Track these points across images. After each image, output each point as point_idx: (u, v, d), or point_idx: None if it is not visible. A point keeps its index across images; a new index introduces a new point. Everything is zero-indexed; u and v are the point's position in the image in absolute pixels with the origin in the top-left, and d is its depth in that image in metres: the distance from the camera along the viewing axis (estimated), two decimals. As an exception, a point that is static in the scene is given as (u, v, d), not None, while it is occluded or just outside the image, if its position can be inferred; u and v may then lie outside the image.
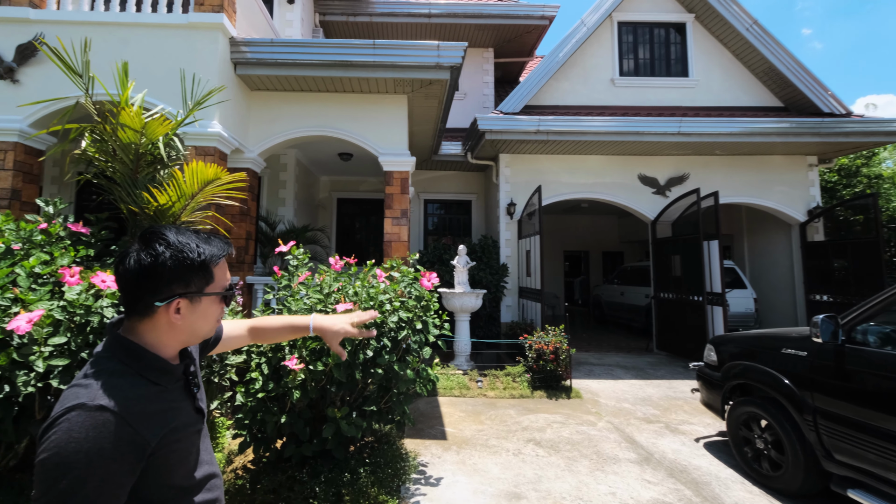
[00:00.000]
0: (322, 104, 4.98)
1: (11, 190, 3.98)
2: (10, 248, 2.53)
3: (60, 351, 2.19)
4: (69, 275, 2.44)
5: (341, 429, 2.15)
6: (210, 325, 0.85)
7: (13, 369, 2.06)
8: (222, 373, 2.40)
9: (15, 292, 2.22)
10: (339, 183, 9.14)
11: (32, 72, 4.20)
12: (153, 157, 3.04)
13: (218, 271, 0.84)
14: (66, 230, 2.81)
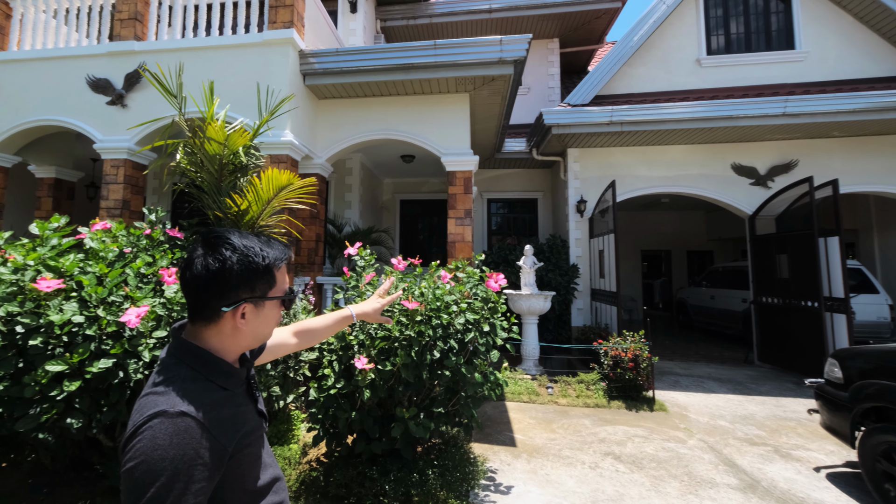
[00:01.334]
0: (385, 108, 5.20)
1: (122, 201, 4.66)
2: (123, 251, 2.94)
3: (162, 343, 2.49)
4: (167, 275, 2.78)
5: (409, 429, 2.21)
6: (271, 329, 0.86)
7: (125, 358, 2.39)
8: (297, 368, 2.57)
9: (126, 290, 2.58)
10: (402, 185, 9.41)
11: (137, 96, 4.89)
12: (234, 166, 3.36)
13: (279, 275, 0.85)
14: (165, 235, 3.21)
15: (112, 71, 4.95)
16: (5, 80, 5.35)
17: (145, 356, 2.36)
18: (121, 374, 2.37)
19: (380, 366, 2.17)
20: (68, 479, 2.69)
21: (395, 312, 2.37)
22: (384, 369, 2.16)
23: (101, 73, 5.01)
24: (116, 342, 2.40)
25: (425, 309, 2.36)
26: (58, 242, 2.91)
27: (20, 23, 5.47)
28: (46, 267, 2.60)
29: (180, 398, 0.69)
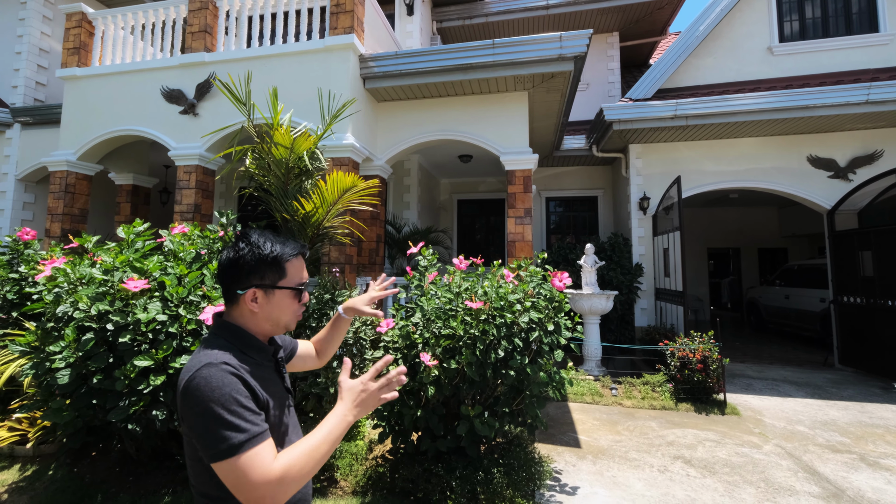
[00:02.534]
0: (443, 109, 5.28)
1: (194, 205, 5.00)
2: (199, 253, 3.13)
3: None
4: (239, 277, 2.93)
5: (475, 427, 2.30)
6: (288, 317, 1.01)
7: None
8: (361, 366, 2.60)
9: (203, 290, 2.73)
10: (459, 184, 9.54)
11: (207, 105, 5.24)
12: (300, 170, 3.49)
13: (291, 268, 0.99)
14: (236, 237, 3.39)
15: (184, 81, 5.34)
16: (89, 93, 5.92)
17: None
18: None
19: (445, 363, 2.22)
20: (151, 467, 2.89)
21: (459, 312, 2.41)
22: (449, 367, 2.23)
23: (174, 84, 5.41)
24: (196, 339, 2.55)
25: (489, 308, 2.38)
26: (141, 245, 3.14)
27: (101, 40, 6.02)
28: (132, 268, 2.82)
29: (221, 355, 0.89)
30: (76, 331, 2.53)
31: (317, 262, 4.30)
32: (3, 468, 3.01)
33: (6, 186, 6.84)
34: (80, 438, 2.63)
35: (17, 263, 4.03)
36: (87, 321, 2.66)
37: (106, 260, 2.75)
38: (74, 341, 2.47)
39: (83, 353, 2.48)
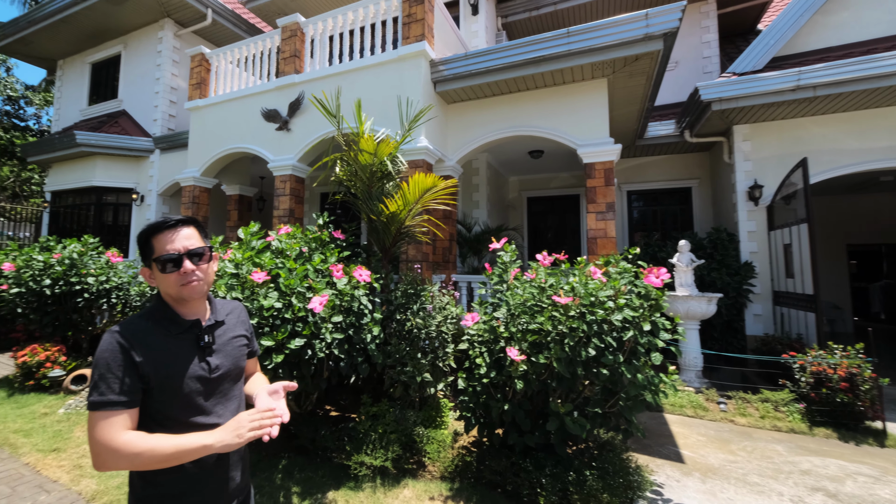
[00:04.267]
0: (513, 105, 5.37)
1: (289, 209, 5.74)
2: (302, 251, 3.63)
3: (337, 327, 3.04)
4: (336, 270, 3.37)
5: (565, 424, 2.30)
6: (171, 288, 1.15)
7: (312, 338, 2.99)
8: (444, 358, 2.85)
9: (310, 283, 3.20)
10: (529, 182, 9.50)
11: (297, 121, 5.95)
12: (382, 173, 3.88)
13: (157, 243, 1.15)
14: (330, 236, 3.87)
15: (279, 102, 6.12)
16: (208, 119, 7.04)
17: (327, 338, 2.91)
18: (309, 351, 2.97)
19: (533, 358, 2.29)
20: (269, 434, 3.44)
21: (547, 308, 2.48)
22: (537, 362, 2.29)
23: (271, 104, 6.23)
24: (305, 325, 3.01)
25: (578, 304, 2.42)
26: (256, 244, 3.73)
27: (215, 74, 7.13)
28: (253, 263, 3.39)
29: (129, 320, 1.14)
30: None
31: (396, 261, 4.69)
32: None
33: (151, 200, 8.42)
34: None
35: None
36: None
37: (236, 256, 3.33)
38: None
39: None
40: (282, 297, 3.15)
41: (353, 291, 3.17)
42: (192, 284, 1.15)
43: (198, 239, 1.20)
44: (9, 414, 4.04)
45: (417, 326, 2.94)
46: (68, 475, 3.02)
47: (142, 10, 8.59)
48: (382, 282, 3.52)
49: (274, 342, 2.93)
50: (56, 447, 3.38)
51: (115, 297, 5.28)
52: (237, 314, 1.35)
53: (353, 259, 3.83)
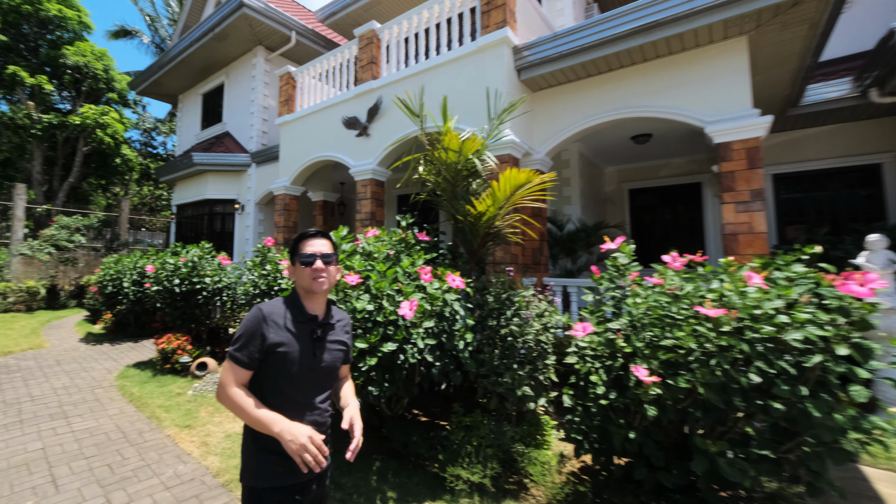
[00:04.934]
0: (615, 84, 4.68)
1: (371, 213, 5.85)
2: (388, 253, 3.60)
3: (428, 333, 2.93)
4: (424, 273, 3.27)
5: (719, 467, 1.85)
6: (305, 280, 1.47)
7: (403, 343, 2.92)
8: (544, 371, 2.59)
9: (400, 286, 3.13)
10: (631, 172, 8.23)
11: (376, 126, 6.04)
12: (468, 171, 3.70)
13: (302, 247, 1.49)
14: (415, 238, 3.80)
15: (358, 109, 6.28)
16: (295, 132, 7.49)
17: (419, 343, 2.80)
18: (401, 356, 2.90)
19: (669, 381, 1.90)
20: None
21: (686, 320, 2.05)
22: (675, 385, 1.90)
23: (350, 112, 6.42)
24: (397, 329, 2.95)
25: (733, 318, 1.95)
26: (347, 248, 3.78)
27: (300, 90, 7.56)
28: (345, 266, 3.42)
29: (271, 301, 1.48)
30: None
31: (482, 263, 4.41)
32: None
33: (250, 209, 9.25)
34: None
35: (264, 263, 5.30)
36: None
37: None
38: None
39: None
40: (373, 299, 3.13)
41: (444, 296, 3.03)
42: (320, 280, 1.47)
43: (329, 248, 1.53)
44: (154, 391, 4.62)
45: (513, 334, 2.71)
46: (198, 450, 3.33)
47: (239, 42, 9.48)
48: (473, 286, 3.35)
49: (367, 344, 2.90)
50: (188, 424, 3.75)
51: (225, 295, 5.85)
52: (344, 324, 1.60)
53: (439, 261, 3.72)
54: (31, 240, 10.61)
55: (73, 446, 3.36)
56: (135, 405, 4.24)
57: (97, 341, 6.99)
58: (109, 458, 3.20)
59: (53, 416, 3.90)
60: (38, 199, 13.59)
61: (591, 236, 6.05)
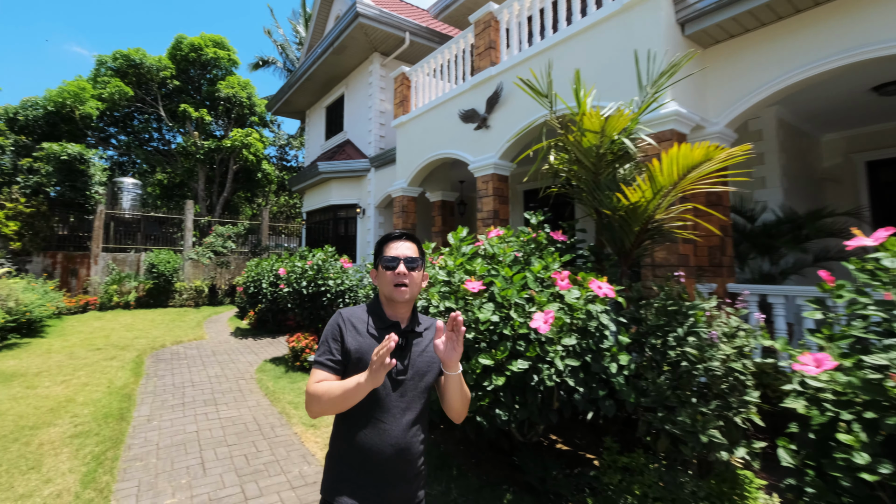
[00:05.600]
0: (848, 13, 3.53)
1: (493, 211, 5.64)
2: (516, 256, 3.31)
3: (569, 352, 2.55)
4: (560, 279, 2.89)
5: None
6: (387, 286, 1.41)
7: (538, 362, 2.59)
8: (740, 410, 1.99)
9: (531, 293, 2.81)
10: (868, 137, 6.25)
11: (497, 116, 5.83)
12: (613, 155, 3.22)
13: (386, 250, 1.45)
14: (548, 238, 3.44)
15: (476, 100, 6.16)
16: (411, 133, 7.74)
17: (557, 363, 2.44)
18: (535, 377, 2.57)
19: None
20: (488, 455, 3.27)
21: None
22: None
23: (467, 105, 6.34)
24: (529, 345, 2.64)
25: None
26: (467, 250, 3.61)
27: (414, 89, 7.80)
28: (465, 271, 3.24)
29: (353, 307, 1.48)
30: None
31: (637, 267, 3.73)
32: None
33: (370, 213, 9.94)
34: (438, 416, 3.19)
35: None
36: (439, 316, 3.23)
37: (448, 262, 3.25)
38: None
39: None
40: (498, 309, 2.87)
41: (588, 307, 2.62)
42: (401, 288, 1.39)
43: (414, 252, 1.45)
44: (285, 387, 5.11)
45: (688, 358, 2.16)
46: (321, 452, 3.50)
47: (356, 52, 10.29)
48: (626, 295, 2.85)
49: (492, 361, 2.65)
50: (314, 423, 4.02)
51: (347, 297, 6.28)
52: (434, 332, 1.47)
53: (579, 265, 3.29)
54: (197, 246, 13.08)
55: (219, 433, 3.83)
56: (269, 399, 4.72)
57: (243, 336, 8.17)
58: (246, 448, 3.55)
59: (206, 402, 4.54)
60: (202, 212, 16.79)
61: (804, 228, 4.66)
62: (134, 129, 18.20)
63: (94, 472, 2.99)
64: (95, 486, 2.84)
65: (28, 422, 3.80)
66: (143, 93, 16.78)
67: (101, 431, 3.65)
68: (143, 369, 5.60)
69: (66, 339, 7.27)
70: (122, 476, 2.99)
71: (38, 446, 3.36)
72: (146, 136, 18.57)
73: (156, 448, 3.43)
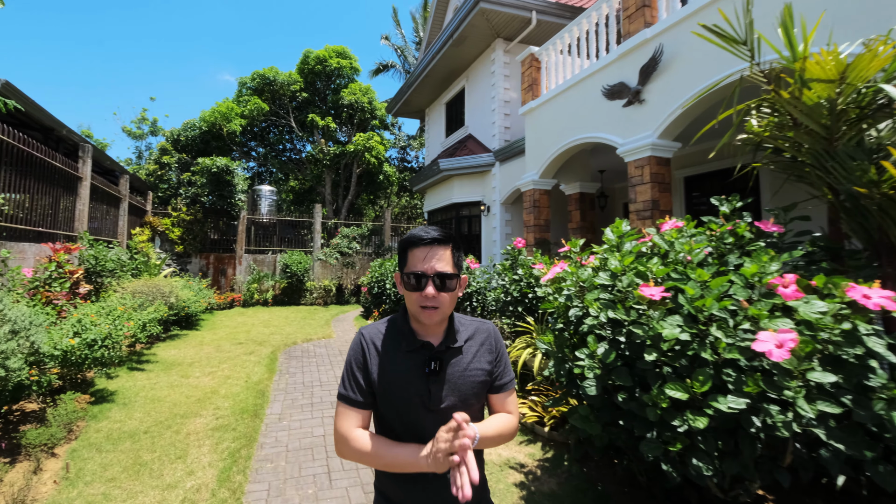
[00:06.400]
0: None
1: (651, 201, 4.94)
2: (705, 254, 2.70)
3: (823, 390, 1.90)
4: (783, 285, 2.23)
5: None
6: (412, 305, 1.19)
7: (759, 401, 1.99)
8: None
9: (744, 304, 2.21)
10: None
11: (654, 87, 5.12)
12: (859, 111, 2.43)
13: (411, 256, 1.19)
14: (753, 230, 2.75)
15: (624, 72, 5.52)
16: (542, 118, 7.33)
17: (803, 408, 1.82)
18: (755, 420, 1.98)
19: None
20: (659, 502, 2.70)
21: None
22: None
23: (612, 79, 5.72)
24: (739, 374, 2.05)
25: None
26: (630, 247, 3.09)
27: (545, 70, 7.39)
28: (636, 273, 2.74)
29: (375, 323, 1.30)
30: (596, 340, 2.63)
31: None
32: (529, 441, 3.82)
33: (495, 210, 9.78)
34: (601, 451, 2.74)
35: (514, 267, 5.18)
36: (598, 329, 2.78)
37: (612, 263, 2.79)
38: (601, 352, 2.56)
39: (604, 366, 2.53)
40: (687, 323, 2.33)
41: (840, 325, 1.94)
42: (429, 311, 1.17)
43: (449, 264, 1.19)
44: None
45: None
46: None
47: (477, 41, 10.20)
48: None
49: (686, 394, 2.13)
50: None
51: (475, 300, 6.12)
52: (481, 339, 1.29)
53: (812, 267, 2.54)
54: (325, 248, 14.42)
55: (345, 441, 3.90)
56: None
57: (367, 339, 8.61)
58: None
59: (332, 405, 4.71)
60: (329, 215, 18.57)
61: None
62: (270, 142, 21.00)
63: (229, 470, 3.22)
64: (230, 485, 3.03)
65: (180, 410, 4.34)
66: (276, 107, 19.27)
67: (238, 427, 3.99)
68: (276, 366, 6.15)
69: (215, 332, 8.49)
70: (254, 477, 3.16)
71: (186, 436, 3.78)
72: (280, 147, 21.31)
73: (285, 450, 3.59)
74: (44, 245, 6.02)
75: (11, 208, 5.76)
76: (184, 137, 17.46)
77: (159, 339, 7.41)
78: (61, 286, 5.07)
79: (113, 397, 4.49)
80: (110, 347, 4.19)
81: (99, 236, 8.93)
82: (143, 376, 5.27)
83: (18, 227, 5.93)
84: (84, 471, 3.07)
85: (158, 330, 5.98)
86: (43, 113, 7.39)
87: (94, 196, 8.69)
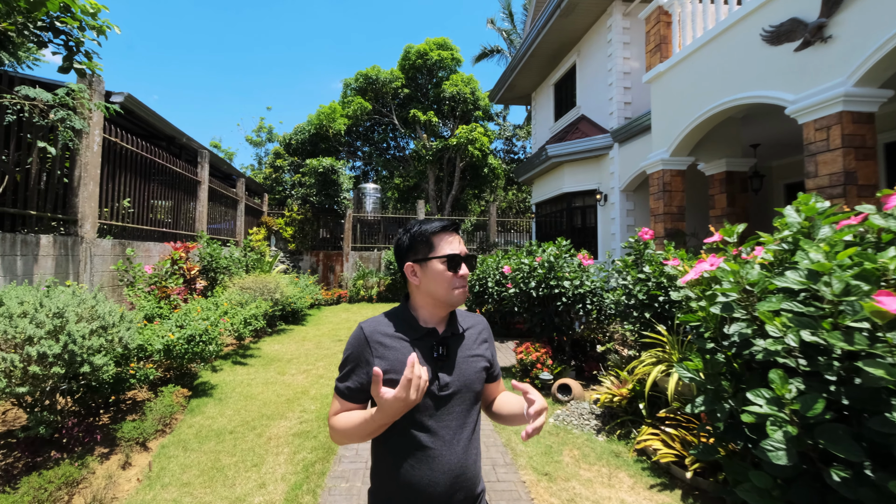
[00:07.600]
0: None
1: (842, 173, 3.76)
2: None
3: None
4: None
5: None
6: (443, 289, 1.25)
7: None
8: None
9: None
10: None
11: (844, 17, 3.93)
12: None
13: (438, 242, 1.27)
14: None
15: (793, 7, 4.35)
16: (673, 84, 6.23)
17: None
18: None
19: None
20: None
21: None
22: None
23: (777, 18, 4.59)
24: None
25: None
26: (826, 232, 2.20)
27: (678, 24, 6.24)
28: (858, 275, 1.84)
29: (375, 317, 1.32)
30: (784, 378, 1.81)
31: None
32: (663, 486, 3.07)
33: (614, 198, 8.77)
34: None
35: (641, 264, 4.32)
36: (782, 356, 1.95)
37: (815, 258, 1.94)
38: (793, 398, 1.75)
39: (800, 419, 1.72)
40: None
41: None
42: (461, 290, 1.27)
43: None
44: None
45: None
46: None
47: (589, 7, 9.10)
48: None
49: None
50: (547, 471, 3.27)
51: (589, 302, 5.33)
52: (478, 330, 1.39)
53: None
54: (428, 244, 14.54)
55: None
56: (492, 423, 4.20)
57: (469, 339, 8.27)
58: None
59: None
60: (433, 211, 18.71)
61: None
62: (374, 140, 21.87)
63: (299, 487, 3.00)
64: (296, 506, 2.79)
65: (268, 410, 4.32)
66: (379, 105, 19.93)
67: (319, 435, 3.82)
68: (371, 367, 6.05)
69: (318, 328, 8.79)
70: (324, 499, 2.90)
71: (267, 440, 3.69)
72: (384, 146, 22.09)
73: (364, 467, 3.30)
74: (167, 244, 6.67)
75: (139, 211, 6.43)
76: (294, 141, 18.93)
77: (266, 334, 7.85)
78: (175, 282, 5.48)
79: (212, 392, 4.67)
80: (207, 342, 4.32)
81: (218, 236, 9.84)
82: (243, 371, 5.48)
83: (144, 227, 6.65)
84: (165, 471, 3.08)
85: (262, 325, 6.23)
86: (164, 123, 8.25)
87: (212, 198, 9.58)
